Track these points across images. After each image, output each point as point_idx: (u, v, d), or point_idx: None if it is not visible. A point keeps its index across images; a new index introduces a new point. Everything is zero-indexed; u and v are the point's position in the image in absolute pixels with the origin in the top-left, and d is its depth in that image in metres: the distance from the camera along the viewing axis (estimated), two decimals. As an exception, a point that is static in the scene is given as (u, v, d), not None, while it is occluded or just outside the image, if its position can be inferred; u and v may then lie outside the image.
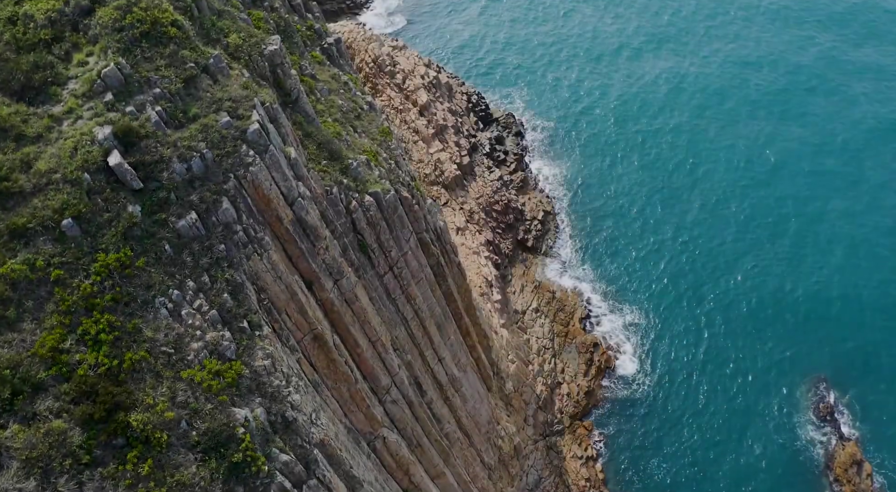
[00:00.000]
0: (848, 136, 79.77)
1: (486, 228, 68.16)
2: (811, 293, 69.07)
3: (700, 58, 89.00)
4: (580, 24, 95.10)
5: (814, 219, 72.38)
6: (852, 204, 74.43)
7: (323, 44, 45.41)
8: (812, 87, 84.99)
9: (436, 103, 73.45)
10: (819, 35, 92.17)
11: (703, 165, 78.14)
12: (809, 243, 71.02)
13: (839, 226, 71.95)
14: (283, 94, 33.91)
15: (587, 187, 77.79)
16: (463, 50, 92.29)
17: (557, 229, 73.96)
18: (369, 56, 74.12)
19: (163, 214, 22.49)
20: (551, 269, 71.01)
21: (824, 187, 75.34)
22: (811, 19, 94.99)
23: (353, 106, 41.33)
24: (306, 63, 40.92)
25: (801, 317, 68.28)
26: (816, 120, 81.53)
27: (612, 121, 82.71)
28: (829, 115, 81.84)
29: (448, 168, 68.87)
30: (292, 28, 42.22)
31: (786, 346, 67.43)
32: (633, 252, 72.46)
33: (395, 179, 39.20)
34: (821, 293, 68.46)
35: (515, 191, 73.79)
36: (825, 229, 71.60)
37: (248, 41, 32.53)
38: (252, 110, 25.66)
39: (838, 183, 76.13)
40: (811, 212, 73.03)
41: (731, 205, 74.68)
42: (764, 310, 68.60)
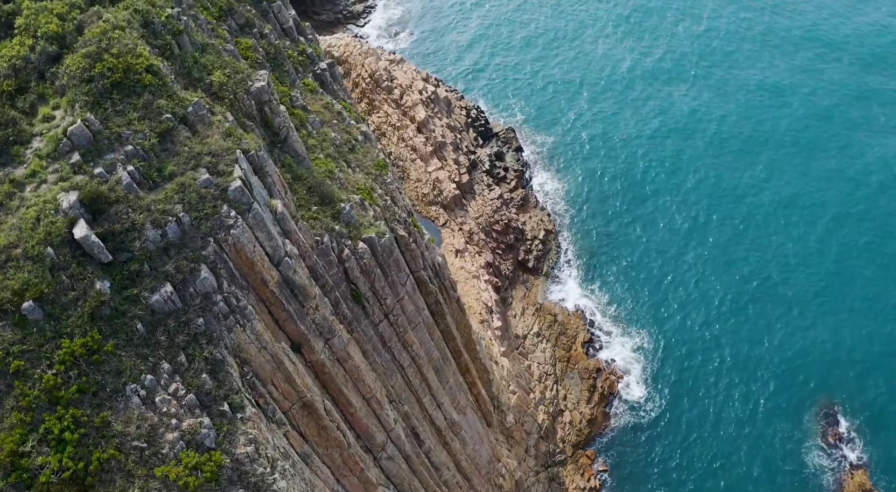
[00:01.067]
0: (874, 169, 77.81)
1: (486, 250, 66.25)
2: (822, 317, 67.26)
3: (706, 73, 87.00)
4: (584, 38, 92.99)
5: (827, 243, 70.56)
6: (871, 236, 72.56)
7: (316, 69, 43.40)
8: (825, 108, 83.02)
9: (434, 119, 71.45)
10: (832, 62, 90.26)
11: (709, 180, 76.23)
12: (823, 267, 69.16)
13: (854, 252, 70.17)
14: (271, 134, 31.98)
15: (589, 203, 75.87)
16: (463, 62, 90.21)
17: (559, 248, 72.06)
18: (366, 71, 72.07)
19: (134, 290, 20.56)
20: (553, 290, 69.11)
21: (836, 211, 73.43)
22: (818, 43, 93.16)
23: (347, 138, 39.37)
24: (297, 93, 38.95)
25: (811, 341, 66.48)
26: (824, 139, 79.68)
27: (615, 135, 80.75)
28: (841, 140, 79.74)
29: (447, 187, 66.90)
30: (283, 55, 40.27)
31: (795, 370, 65.64)
32: (638, 272, 70.58)
33: (390, 216, 37.29)
34: (832, 318, 66.65)
35: (516, 209, 71.85)
36: (838, 254, 69.80)
37: (233, 78, 30.58)
38: (234, 165, 23.71)
39: (853, 209, 74.25)
40: (825, 235, 71.15)
41: (739, 223, 72.77)
42: (773, 333, 66.76)
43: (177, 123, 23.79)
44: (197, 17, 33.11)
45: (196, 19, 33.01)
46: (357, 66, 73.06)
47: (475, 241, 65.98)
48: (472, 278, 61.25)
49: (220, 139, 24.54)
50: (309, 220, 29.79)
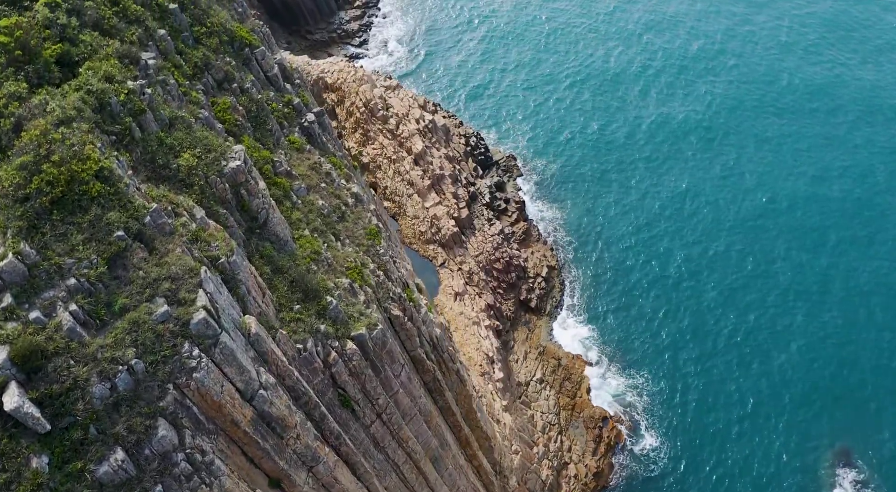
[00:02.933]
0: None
1: (487, 290, 62.99)
2: (838, 361, 64.18)
3: (714, 97, 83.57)
4: (588, 59, 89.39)
5: (839, 280, 67.39)
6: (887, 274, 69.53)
7: (303, 122, 40.00)
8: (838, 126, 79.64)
9: (432, 150, 68.03)
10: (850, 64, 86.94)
11: (719, 213, 73.00)
12: (837, 305, 66.07)
13: (868, 291, 67.02)
14: (249, 219, 28.62)
15: (593, 235, 72.59)
16: (462, 83, 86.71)
17: (562, 285, 68.79)
18: (360, 99, 68.55)
19: (78, 463, 17.29)
20: (556, 331, 65.90)
21: (840, 235, 70.25)
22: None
23: (337, 204, 36.01)
24: (282, 155, 35.55)
25: (827, 385, 63.43)
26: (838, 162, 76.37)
27: (621, 162, 77.47)
28: (861, 168, 76.45)
29: (445, 225, 63.56)
30: (266, 111, 36.86)
31: (807, 414, 62.67)
32: (646, 311, 67.38)
33: (383, 295, 33.99)
34: (847, 362, 63.57)
35: (518, 244, 68.55)
36: (852, 292, 66.65)
37: (204, 160, 27.19)
38: (197, 290, 20.36)
39: (858, 233, 71.17)
40: (840, 273, 67.98)
41: (752, 259, 69.48)
42: (788, 378, 63.65)
43: (130, 242, 20.42)
44: (166, 83, 29.70)
45: (165, 85, 29.62)
46: (351, 94, 69.52)
47: (475, 281, 62.70)
48: (471, 325, 58.01)
49: (182, 254, 21.19)
50: (291, 322, 26.48)
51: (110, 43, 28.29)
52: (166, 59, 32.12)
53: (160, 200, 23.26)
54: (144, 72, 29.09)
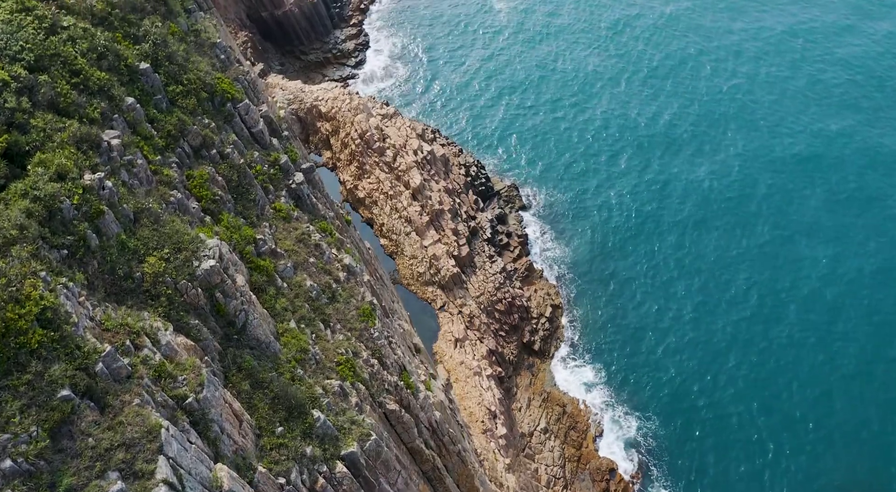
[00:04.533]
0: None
1: (489, 334, 59.93)
2: (848, 397, 61.28)
3: (727, 121, 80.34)
4: (593, 80, 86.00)
5: (853, 323, 64.38)
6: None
7: (290, 184, 36.81)
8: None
9: (430, 183, 64.79)
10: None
11: (729, 246, 69.87)
12: (849, 338, 63.05)
13: (882, 335, 64.05)
14: (225, 324, 25.48)
15: (598, 269, 69.44)
16: (460, 107, 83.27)
17: (566, 326, 65.76)
18: (356, 130, 65.21)
19: None
20: (561, 375, 62.89)
21: (871, 290, 66.97)
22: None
23: (327, 281, 32.84)
24: (266, 230, 32.36)
25: (840, 432, 60.55)
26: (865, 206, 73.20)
27: (627, 191, 74.23)
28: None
29: (445, 265, 60.41)
30: (249, 178, 33.62)
31: (825, 464, 59.83)
32: (654, 350, 64.34)
33: (378, 388, 30.90)
34: (859, 411, 60.62)
35: (520, 282, 65.46)
36: (867, 335, 63.67)
37: (173, 262, 24.01)
38: (157, 458, 17.25)
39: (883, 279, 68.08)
40: (854, 316, 64.92)
41: (765, 299, 66.29)
42: (799, 416, 60.67)
43: (78, 402, 17.28)
44: (133, 164, 26.48)
45: (131, 167, 26.40)
46: (346, 124, 66.18)
47: (476, 325, 59.61)
48: (472, 376, 54.96)
49: (140, 408, 18.05)
50: (272, 450, 23.36)
51: (68, 125, 25.05)
52: (135, 132, 28.88)
53: (117, 331, 20.10)
54: (107, 156, 25.88)
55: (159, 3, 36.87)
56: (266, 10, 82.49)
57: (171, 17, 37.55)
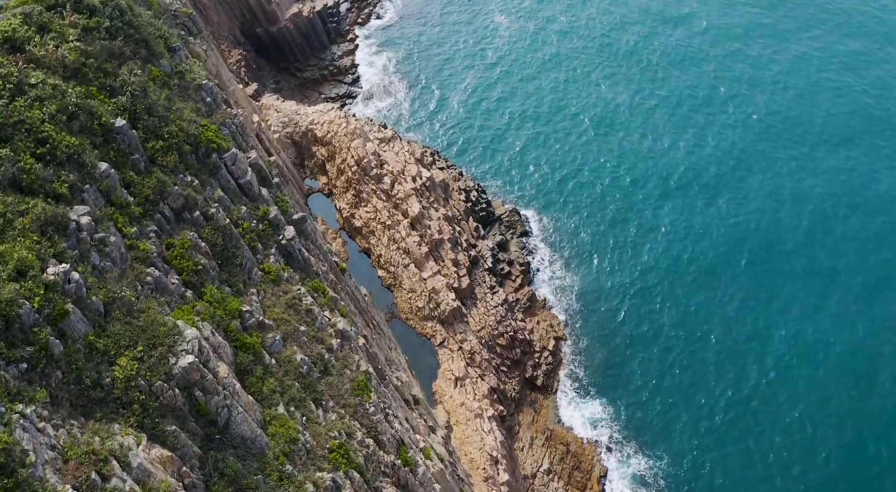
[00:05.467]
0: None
1: (490, 371, 57.77)
2: (884, 456, 59.02)
3: (742, 147, 77.62)
4: (602, 102, 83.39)
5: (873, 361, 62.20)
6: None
7: (280, 239, 34.55)
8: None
9: (430, 210, 62.50)
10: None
11: (740, 275, 67.65)
12: (886, 405, 60.59)
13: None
14: (206, 423, 23.30)
15: (604, 299, 67.19)
16: (461, 127, 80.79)
17: (570, 358, 63.59)
18: (352, 157, 62.87)
19: None
20: (564, 411, 60.75)
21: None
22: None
23: (319, 351, 30.62)
24: (253, 296, 30.15)
25: (851, 457, 58.47)
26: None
27: (634, 217, 71.91)
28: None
29: (444, 299, 58.18)
30: (235, 240, 31.35)
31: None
32: (664, 384, 62.02)
33: (374, 472, 28.74)
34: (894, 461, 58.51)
35: (522, 313, 63.26)
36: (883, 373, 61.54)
37: (147, 361, 21.80)
38: None
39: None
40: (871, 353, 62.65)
41: (791, 341, 63.49)
42: (825, 467, 58.46)
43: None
44: (105, 243, 24.28)
45: (103, 247, 24.19)
46: (342, 149, 63.83)
47: (477, 362, 57.45)
48: (473, 418, 52.83)
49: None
50: (255, 573, 21.24)
51: (31, 205, 22.84)
52: (109, 201, 26.64)
53: (82, 461, 17.90)
54: (76, 237, 23.64)
55: (139, 46, 34.57)
56: (261, 25, 79.99)
57: (154, 60, 35.25)
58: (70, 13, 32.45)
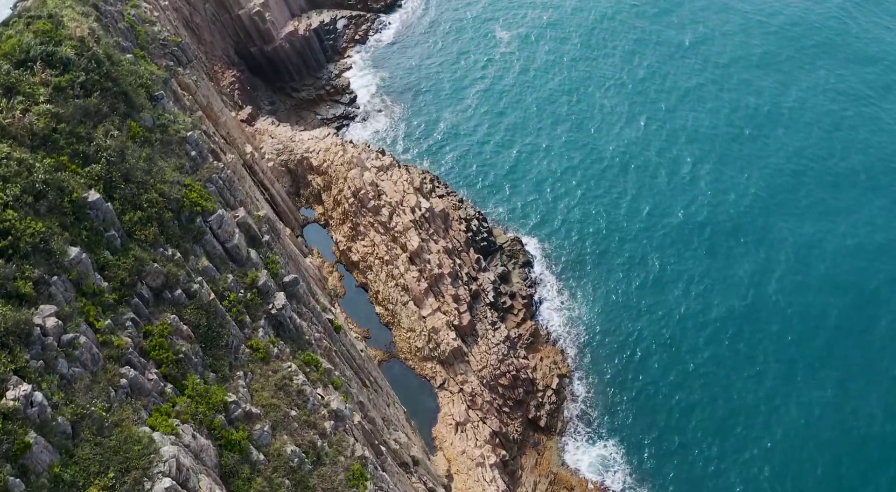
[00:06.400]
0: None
1: (492, 413, 55.64)
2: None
3: (759, 173, 74.93)
4: (607, 121, 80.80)
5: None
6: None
7: (270, 308, 32.31)
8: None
9: (429, 243, 60.24)
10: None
11: (752, 307, 65.36)
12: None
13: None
14: (185, 550, 21.20)
15: (610, 332, 64.87)
16: (461, 149, 78.23)
17: (574, 396, 61.46)
18: (349, 188, 60.54)
19: None
20: (570, 453, 58.57)
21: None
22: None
23: (311, 438, 28.39)
24: (240, 381, 27.95)
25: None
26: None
27: (643, 246, 69.52)
28: None
29: (445, 338, 56.01)
30: (220, 317, 29.08)
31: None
32: (675, 422, 59.63)
33: (370, 574, 26.69)
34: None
35: (525, 349, 61.10)
36: None
37: (119, 489, 19.63)
38: None
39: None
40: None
41: (820, 374, 60.99)
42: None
43: None
44: (75, 345, 22.07)
45: (72, 350, 21.99)
46: (339, 180, 61.53)
47: (478, 404, 55.32)
48: (475, 467, 50.74)
49: None
50: None
51: (-11, 313, 20.63)
52: (80, 290, 24.40)
53: None
54: (41, 345, 21.42)
55: (118, 100, 32.28)
56: (255, 45, 77.49)
57: (134, 114, 32.97)
58: (41, 70, 30.22)
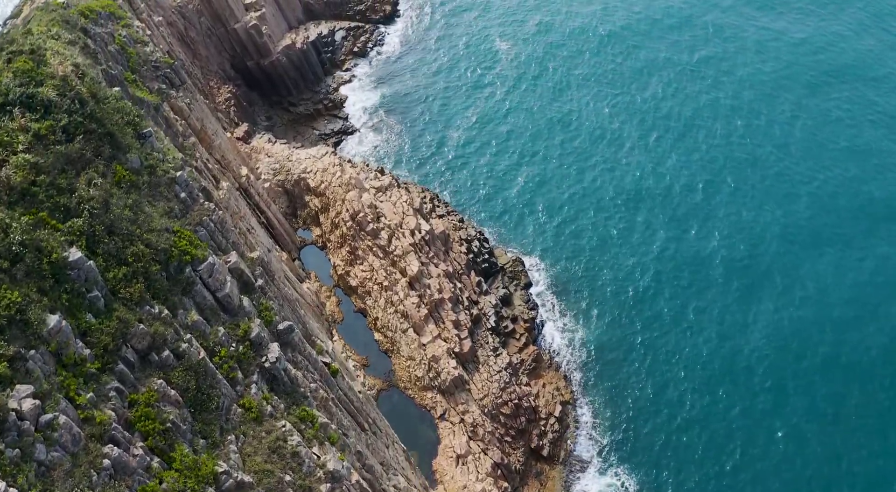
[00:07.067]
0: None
1: (493, 444, 54.27)
2: None
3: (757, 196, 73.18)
4: (614, 138, 78.97)
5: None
6: None
7: (264, 361, 30.90)
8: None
9: (429, 267, 58.80)
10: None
11: (770, 329, 63.56)
12: None
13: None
14: None
15: (616, 355, 63.20)
16: (461, 166, 76.59)
17: (577, 423, 60.12)
18: (347, 211, 59.04)
19: None
20: (572, 482, 57.14)
21: None
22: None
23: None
24: (231, 446, 26.55)
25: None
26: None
27: (649, 265, 67.93)
28: None
29: (445, 367, 54.61)
30: (210, 377, 27.67)
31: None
32: (685, 451, 58.17)
33: None
34: None
35: (527, 375, 59.72)
36: None
37: None
38: None
39: None
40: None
41: (816, 394, 59.47)
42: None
43: None
44: (54, 427, 20.71)
45: (51, 434, 20.62)
46: (336, 202, 60.04)
47: (480, 434, 53.96)
48: (477, 503, 49.45)
49: None
50: None
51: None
52: (60, 363, 22.97)
53: None
54: (17, 430, 20.02)
55: (103, 142, 30.76)
56: (252, 58, 75.86)
57: (120, 156, 31.46)
58: (20, 115, 28.72)
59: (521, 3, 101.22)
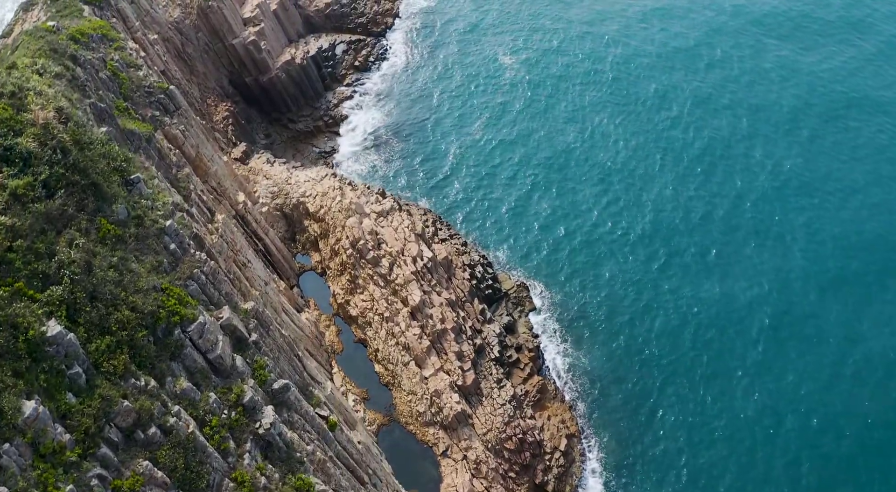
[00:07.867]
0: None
1: (497, 481, 52.67)
2: None
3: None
4: (622, 158, 77.05)
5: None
6: None
7: (258, 428, 29.25)
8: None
9: (431, 296, 57.09)
10: None
11: (778, 343, 62.00)
12: None
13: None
14: None
15: (622, 386, 61.50)
16: (463, 186, 74.76)
17: (583, 456, 58.49)
18: (347, 238, 57.31)
19: None
20: (579, 519, 55.86)
21: None
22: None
23: None
24: (220, 530, 24.98)
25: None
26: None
27: (661, 290, 66.20)
28: None
29: (448, 402, 52.96)
30: (200, 451, 26.03)
31: None
32: (694, 485, 56.75)
33: None
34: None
35: (532, 407, 58.08)
36: None
37: None
38: None
39: None
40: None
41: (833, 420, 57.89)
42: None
43: None
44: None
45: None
46: (336, 228, 58.33)
47: (483, 472, 52.35)
48: (480, 547, 47.87)
49: None
50: None
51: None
52: (37, 453, 21.32)
53: None
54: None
55: (87, 195, 29.06)
56: (250, 75, 74.07)
57: (105, 208, 29.75)
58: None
59: (527, 16, 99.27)
